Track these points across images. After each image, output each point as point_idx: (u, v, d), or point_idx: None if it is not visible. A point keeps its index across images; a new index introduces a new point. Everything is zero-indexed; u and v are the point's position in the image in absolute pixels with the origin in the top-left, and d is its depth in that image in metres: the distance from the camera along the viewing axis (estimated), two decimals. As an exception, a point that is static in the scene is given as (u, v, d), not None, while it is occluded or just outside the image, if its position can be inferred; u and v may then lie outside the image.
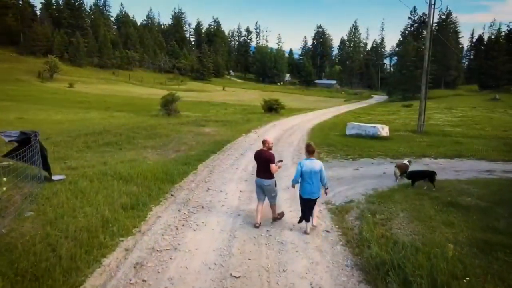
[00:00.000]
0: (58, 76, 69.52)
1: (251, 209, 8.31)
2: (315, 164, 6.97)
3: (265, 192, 7.41)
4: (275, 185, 7.53)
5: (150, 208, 7.91)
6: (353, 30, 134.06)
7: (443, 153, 16.17)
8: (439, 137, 21.48)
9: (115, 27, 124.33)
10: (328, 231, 7.09)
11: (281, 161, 8.01)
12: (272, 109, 34.05)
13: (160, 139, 17.39)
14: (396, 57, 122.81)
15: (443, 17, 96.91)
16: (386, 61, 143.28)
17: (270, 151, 7.51)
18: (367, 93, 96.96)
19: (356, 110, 47.52)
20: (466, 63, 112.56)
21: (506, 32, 76.16)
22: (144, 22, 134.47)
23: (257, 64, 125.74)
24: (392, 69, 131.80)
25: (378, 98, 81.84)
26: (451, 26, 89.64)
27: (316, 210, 7.26)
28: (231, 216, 7.83)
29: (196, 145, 16.23)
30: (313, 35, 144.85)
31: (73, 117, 27.17)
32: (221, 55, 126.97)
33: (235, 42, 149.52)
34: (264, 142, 7.51)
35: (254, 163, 11.48)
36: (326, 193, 7.43)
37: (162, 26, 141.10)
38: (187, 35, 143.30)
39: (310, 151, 7.11)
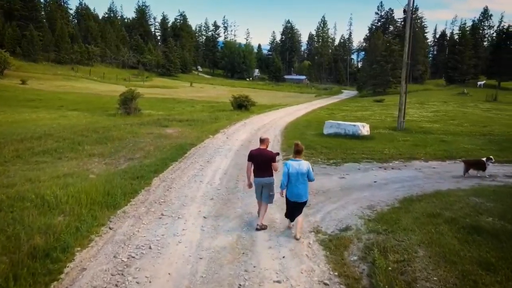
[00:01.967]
0: (9, 72, 63.94)
1: (217, 246, 6.17)
2: (302, 165, 6.60)
3: (264, 189, 7.16)
4: (274, 184, 7.25)
5: (73, 253, 5.59)
6: (321, 25, 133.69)
7: (432, 154, 14.66)
8: (421, 135, 20.15)
9: (75, 20, 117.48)
10: (326, 284, 5.05)
11: (278, 153, 7.81)
12: (242, 106, 31.86)
13: (111, 144, 14.83)
14: (363, 52, 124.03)
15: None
16: (354, 56, 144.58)
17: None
18: (337, 88, 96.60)
19: (329, 106, 46.19)
20: (431, 58, 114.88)
21: (471, 27, 77.69)
22: (106, 15, 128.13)
23: (225, 60, 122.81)
24: (359, 65, 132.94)
25: (348, 93, 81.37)
26: (418, 21, 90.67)
27: (300, 220, 6.67)
28: (189, 262, 5.63)
29: (154, 151, 13.83)
30: (281, 30, 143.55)
31: (15, 118, 23.82)
32: (188, 50, 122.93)
33: (203, 37, 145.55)
34: (263, 140, 7.39)
35: (222, 174, 9.97)
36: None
37: (126, 20, 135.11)
38: (152, 29, 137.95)
39: (297, 151, 6.75)
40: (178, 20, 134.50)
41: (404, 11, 19.74)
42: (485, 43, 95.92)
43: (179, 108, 35.12)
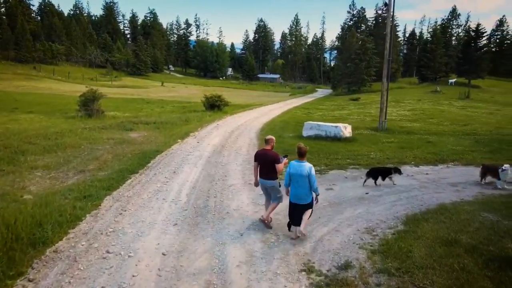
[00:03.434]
0: (-38, 72, 59.31)
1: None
2: (303, 167, 6.40)
3: (270, 192, 7.20)
4: (279, 186, 7.12)
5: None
6: (294, 24, 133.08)
7: (422, 157, 13.49)
8: (404, 135, 19.12)
9: (38, 17, 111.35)
10: None
11: (286, 156, 7.46)
12: (215, 106, 30.06)
13: (62, 153, 12.82)
14: (336, 51, 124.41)
15: (379, 12, 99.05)
16: (326, 55, 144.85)
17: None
18: (311, 86, 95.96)
19: (305, 105, 45.01)
20: (402, 57, 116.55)
21: (441, 27, 78.81)
22: (72, 12, 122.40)
23: (198, 59, 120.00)
24: (332, 63, 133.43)
25: (322, 91, 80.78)
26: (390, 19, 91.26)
27: (306, 216, 6.49)
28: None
29: (111, 161, 11.96)
30: (254, 28, 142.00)
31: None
32: (159, 49, 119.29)
33: (174, 35, 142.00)
34: (268, 140, 7.36)
35: (190, 188, 9.14)
36: (316, 200, 6.70)
37: (93, 17, 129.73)
38: (121, 27, 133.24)
39: (299, 154, 6.59)
40: (149, 18, 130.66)
41: (386, 4, 18.76)
42: (453, 42, 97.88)
43: (148, 109, 32.93)
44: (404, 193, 9.39)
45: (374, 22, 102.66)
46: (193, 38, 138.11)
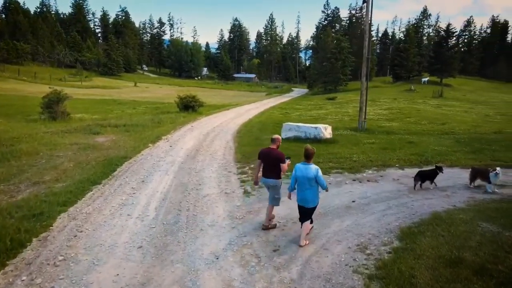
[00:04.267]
0: None
1: None
2: (310, 170, 6.19)
3: (270, 191, 7.04)
4: (280, 187, 6.98)
5: None
6: (269, 23, 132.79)
7: (405, 159, 12.95)
8: (384, 135, 18.67)
9: (2, 15, 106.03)
10: None
11: (289, 157, 7.27)
12: (189, 107, 28.88)
13: (16, 162, 11.51)
14: (311, 50, 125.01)
15: (353, 12, 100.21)
16: (302, 54, 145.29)
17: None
18: (287, 86, 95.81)
19: (281, 105, 44.41)
20: (376, 56, 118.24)
21: (414, 26, 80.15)
22: (38, 10, 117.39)
23: (172, 58, 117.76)
24: (307, 63, 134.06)
25: (298, 91, 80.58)
26: (364, 19, 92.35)
27: (305, 227, 6.33)
28: None
29: (72, 170, 10.77)
30: (229, 28, 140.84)
31: None
32: (132, 48, 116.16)
33: (147, 34, 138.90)
34: (274, 139, 7.14)
35: (160, 200, 8.36)
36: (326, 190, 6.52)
37: (61, 16, 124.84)
38: (91, 25, 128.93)
39: (305, 155, 6.36)
40: (120, 17, 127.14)
41: (364, 1, 18.41)
42: (425, 42, 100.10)
43: (118, 111, 31.39)
44: (393, 200, 8.73)
45: (348, 22, 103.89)
46: (167, 37, 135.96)
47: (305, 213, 6.36)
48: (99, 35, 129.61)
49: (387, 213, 7.83)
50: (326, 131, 16.53)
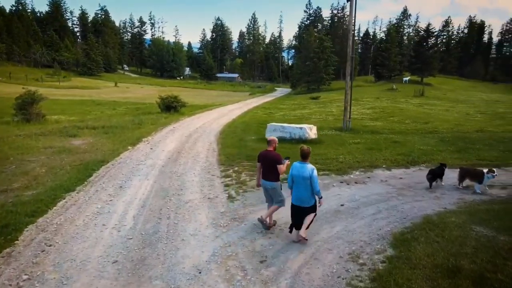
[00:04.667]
0: None
1: None
2: (305, 169, 6.11)
3: (271, 194, 6.97)
4: (281, 188, 6.92)
5: None
6: (252, 23, 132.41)
7: (392, 160, 12.76)
8: (369, 135, 18.52)
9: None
10: None
11: (288, 158, 7.15)
12: (171, 107, 28.21)
13: (-16, 168, 10.75)
14: (294, 50, 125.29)
15: (335, 12, 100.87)
16: (284, 54, 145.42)
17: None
18: (271, 86, 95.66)
19: (265, 104, 44.10)
20: (358, 55, 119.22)
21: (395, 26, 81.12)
22: (14, 8, 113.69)
23: (153, 58, 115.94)
24: (290, 62, 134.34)
25: (282, 90, 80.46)
26: (346, 18, 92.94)
27: (308, 220, 6.23)
28: None
29: (44, 176, 10.11)
30: (211, 27, 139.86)
31: None
32: (112, 47, 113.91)
33: (128, 34, 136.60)
34: (270, 141, 7.07)
35: (139, 207, 7.97)
36: (319, 203, 6.36)
37: (38, 14, 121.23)
38: (70, 24, 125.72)
39: (302, 155, 6.26)
40: (99, 15, 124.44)
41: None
42: (405, 41, 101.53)
43: (97, 112, 30.47)
44: (382, 203, 8.45)
45: (330, 21, 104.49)
46: (148, 36, 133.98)
47: (301, 214, 6.27)
48: (78, 34, 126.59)
49: (377, 217, 7.54)
50: (311, 131, 16.25)
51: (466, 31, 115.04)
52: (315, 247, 6.16)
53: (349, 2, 19.06)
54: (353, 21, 19.52)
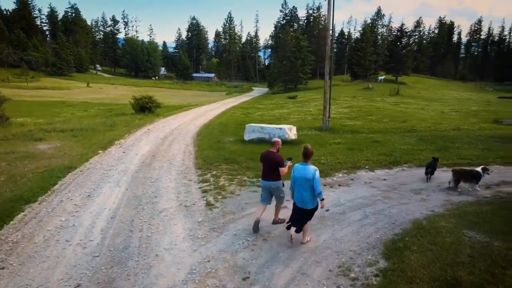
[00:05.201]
0: None
1: None
2: (308, 170, 5.97)
3: (273, 193, 6.97)
4: (283, 185, 6.94)
5: None
6: (228, 22, 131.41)
7: (374, 160, 12.49)
8: (349, 134, 18.30)
9: None
10: None
11: (291, 158, 7.11)
12: (146, 108, 27.22)
13: None
14: (270, 50, 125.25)
15: (310, 11, 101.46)
16: (261, 53, 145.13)
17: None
18: (248, 85, 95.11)
19: (242, 104, 43.54)
20: (334, 55, 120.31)
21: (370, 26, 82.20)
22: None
23: (127, 57, 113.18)
24: (267, 62, 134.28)
25: (259, 90, 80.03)
26: (321, 18, 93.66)
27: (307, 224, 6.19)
28: None
29: (3, 185, 9.20)
30: (187, 27, 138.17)
31: None
32: (83, 47, 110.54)
33: (100, 33, 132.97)
34: (274, 143, 7.03)
35: (108, 219, 7.35)
36: (322, 205, 6.14)
37: (5, 12, 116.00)
38: (38, 23, 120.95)
39: (304, 155, 6.12)
40: (70, 14, 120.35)
41: None
42: (379, 41, 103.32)
43: (67, 113, 29.09)
44: (368, 207, 8.08)
45: (306, 21, 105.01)
46: (121, 36, 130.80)
47: (302, 215, 6.12)
48: (47, 33, 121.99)
49: (364, 223, 7.15)
50: (291, 131, 15.85)
51: (436, 31, 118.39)
52: (302, 259, 5.68)
53: (326, 1, 18.76)
54: (331, 20, 19.26)
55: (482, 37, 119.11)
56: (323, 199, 6.07)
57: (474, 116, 27.58)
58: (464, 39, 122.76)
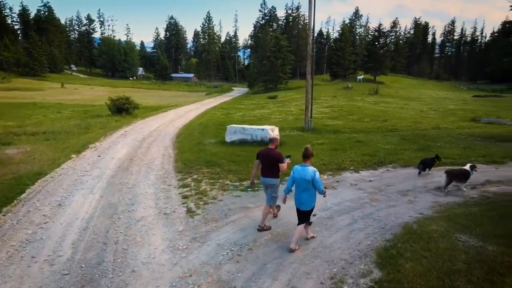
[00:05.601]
0: None
1: None
2: (307, 171, 5.94)
3: (268, 190, 6.97)
4: (278, 186, 6.94)
5: None
6: (207, 22, 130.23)
7: (359, 161, 12.29)
8: (332, 134, 18.14)
9: None
10: None
11: (289, 156, 7.31)
12: (123, 109, 26.32)
13: None
14: (250, 50, 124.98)
15: (289, 11, 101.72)
16: (240, 53, 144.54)
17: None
18: (227, 85, 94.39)
19: (222, 105, 42.98)
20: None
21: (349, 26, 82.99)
22: None
23: (104, 57, 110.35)
24: (246, 62, 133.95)
25: (239, 90, 79.48)
26: (301, 18, 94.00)
27: (298, 230, 6.11)
28: None
29: (-36, 195, 8.47)
30: (165, 26, 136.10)
31: None
32: (57, 46, 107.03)
33: (75, 32, 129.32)
34: (272, 140, 7.13)
35: (80, 231, 6.85)
36: (324, 195, 6.19)
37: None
38: (9, 21, 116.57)
39: (304, 155, 6.11)
40: (43, 12, 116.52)
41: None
42: (357, 41, 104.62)
43: (39, 116, 27.85)
44: (356, 210, 7.82)
45: (285, 21, 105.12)
46: (97, 35, 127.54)
47: (299, 216, 6.17)
48: (19, 32, 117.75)
49: (354, 228, 6.86)
50: (273, 132, 15.49)
51: (412, 31, 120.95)
52: (291, 271, 5.32)
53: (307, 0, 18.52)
54: (312, 18, 19.03)
55: (455, 37, 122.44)
56: (325, 194, 6.17)
57: (452, 115, 28.00)
58: (439, 39, 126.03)
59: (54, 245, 6.14)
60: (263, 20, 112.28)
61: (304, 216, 6.15)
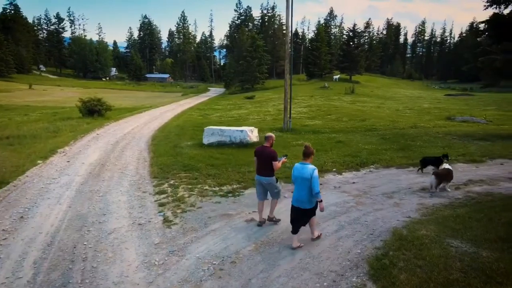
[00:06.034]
0: None
1: None
2: (306, 170, 5.86)
3: (267, 188, 7.03)
4: (276, 181, 7.03)
5: None
6: (182, 21, 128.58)
7: (340, 162, 12.05)
8: (311, 135, 17.93)
9: None
10: None
11: (286, 155, 7.62)
12: (94, 111, 25.27)
13: None
14: (225, 49, 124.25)
15: (265, 11, 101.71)
16: (216, 53, 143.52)
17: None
18: (204, 86, 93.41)
19: (199, 105, 42.26)
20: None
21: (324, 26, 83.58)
22: None
23: (75, 57, 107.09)
24: (222, 62, 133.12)
25: (215, 90, 78.72)
26: (276, 18, 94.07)
27: (313, 221, 6.23)
28: None
29: None
30: (138, 26, 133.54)
31: None
32: (24, 46, 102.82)
33: (44, 31, 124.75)
34: (268, 138, 7.17)
35: (44, 247, 6.24)
36: (321, 208, 5.98)
37: None
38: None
39: (304, 153, 6.10)
40: (8, 11, 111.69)
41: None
42: (332, 41, 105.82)
43: (4, 119, 26.33)
44: (342, 215, 7.50)
45: (260, 21, 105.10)
46: (67, 34, 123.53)
47: (299, 216, 6.04)
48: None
49: (341, 235, 6.52)
50: (252, 134, 15.10)
51: (385, 32, 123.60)
52: (278, 286, 4.90)
53: (285, -1, 18.20)
54: (290, 18, 18.69)
55: (426, 38, 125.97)
56: (321, 201, 5.88)
57: (428, 114, 28.43)
58: (410, 40, 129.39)
59: (13, 265, 5.49)
60: (239, 20, 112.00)
61: (306, 216, 6.04)
